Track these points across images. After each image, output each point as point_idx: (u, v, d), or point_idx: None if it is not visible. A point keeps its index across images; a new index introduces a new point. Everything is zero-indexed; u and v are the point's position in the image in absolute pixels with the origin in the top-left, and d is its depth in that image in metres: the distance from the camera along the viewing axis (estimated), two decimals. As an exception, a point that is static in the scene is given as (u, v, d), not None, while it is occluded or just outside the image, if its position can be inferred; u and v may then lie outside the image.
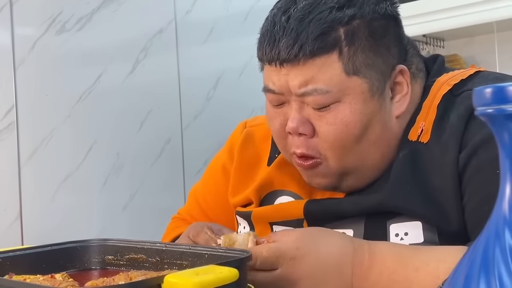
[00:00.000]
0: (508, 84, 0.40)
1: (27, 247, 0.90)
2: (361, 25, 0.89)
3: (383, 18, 0.91)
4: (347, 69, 0.87)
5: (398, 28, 0.95)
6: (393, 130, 0.93)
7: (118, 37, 1.68)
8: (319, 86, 0.87)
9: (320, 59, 0.87)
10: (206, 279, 0.64)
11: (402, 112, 0.93)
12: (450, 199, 0.88)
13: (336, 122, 0.88)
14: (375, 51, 0.90)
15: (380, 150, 0.93)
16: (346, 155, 0.91)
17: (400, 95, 0.93)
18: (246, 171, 1.11)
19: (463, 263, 0.42)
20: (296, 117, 0.90)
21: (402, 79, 0.93)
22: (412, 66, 0.96)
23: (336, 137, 0.89)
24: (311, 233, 0.83)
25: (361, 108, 0.88)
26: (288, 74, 0.89)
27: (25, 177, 1.47)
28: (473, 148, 0.86)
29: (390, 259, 0.81)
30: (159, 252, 0.85)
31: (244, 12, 2.02)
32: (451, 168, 0.88)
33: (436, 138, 0.90)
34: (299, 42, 0.86)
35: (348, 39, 0.87)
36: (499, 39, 2.39)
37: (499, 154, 0.42)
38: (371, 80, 0.89)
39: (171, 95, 1.80)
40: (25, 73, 1.48)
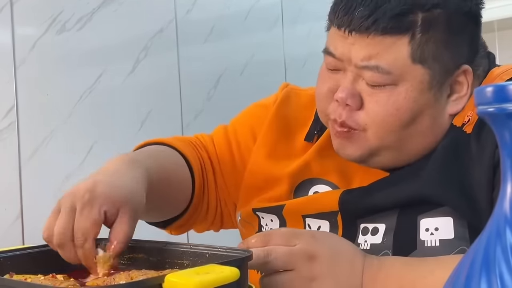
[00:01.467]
0: (509, 83, 0.40)
1: (27, 246, 0.90)
2: (441, 16, 0.87)
3: (464, 16, 0.89)
4: (414, 55, 0.86)
5: (476, 28, 0.93)
6: (443, 125, 0.92)
7: (118, 36, 1.68)
8: (382, 64, 0.86)
9: (390, 38, 0.85)
10: (207, 279, 0.64)
11: (457, 111, 0.92)
12: (484, 194, 0.86)
13: (387, 103, 0.87)
14: (446, 46, 0.88)
15: (424, 141, 0.91)
16: (387, 136, 0.89)
17: (458, 95, 0.92)
18: (280, 129, 1.05)
19: (464, 262, 0.42)
20: (348, 87, 0.88)
21: (464, 79, 0.91)
22: (479, 68, 0.95)
23: (384, 118, 0.87)
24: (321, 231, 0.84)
25: (416, 96, 0.87)
26: (353, 44, 0.87)
27: (26, 177, 1.47)
28: None
29: (398, 266, 0.81)
30: (159, 252, 0.84)
31: (245, 11, 2.02)
32: (488, 162, 0.86)
33: (478, 132, 0.88)
34: (375, 16, 0.84)
35: (424, 26, 0.86)
36: (500, 38, 2.39)
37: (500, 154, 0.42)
38: (433, 73, 0.88)
39: (171, 95, 1.80)
40: (26, 73, 1.48)
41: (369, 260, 0.82)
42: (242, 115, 1.15)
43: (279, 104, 1.08)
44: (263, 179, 1.03)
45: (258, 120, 1.08)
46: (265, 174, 1.03)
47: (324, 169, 1.00)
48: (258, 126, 1.07)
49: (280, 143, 1.05)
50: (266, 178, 1.03)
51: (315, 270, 0.79)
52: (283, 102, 1.08)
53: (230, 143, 1.09)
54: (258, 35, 2.07)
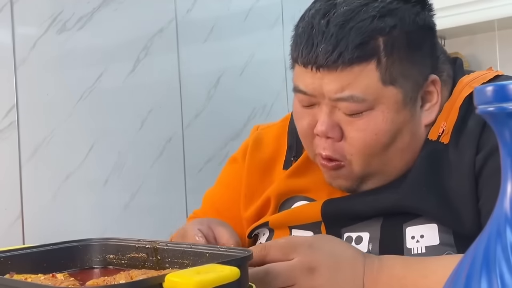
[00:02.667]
0: (509, 83, 0.40)
1: (28, 246, 0.90)
2: (400, 35, 0.88)
3: (421, 29, 0.91)
4: (384, 78, 0.87)
5: (434, 38, 0.96)
6: (421, 137, 0.94)
7: (119, 36, 1.68)
8: (356, 93, 0.87)
9: (358, 67, 0.87)
10: (208, 278, 0.64)
11: (431, 120, 0.94)
12: (466, 202, 0.88)
13: (367, 129, 0.88)
14: (411, 62, 0.90)
15: (406, 157, 0.93)
16: (371, 161, 0.91)
17: (430, 104, 0.94)
18: (259, 174, 1.11)
19: (464, 262, 0.42)
20: (326, 121, 0.90)
21: (434, 88, 0.93)
22: (443, 73, 0.97)
23: (366, 144, 0.89)
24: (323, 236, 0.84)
25: (393, 117, 0.89)
26: (323, 79, 0.88)
27: (26, 176, 1.47)
28: (491, 150, 0.86)
29: (399, 266, 0.81)
30: (160, 251, 0.85)
31: (245, 11, 2.02)
32: (468, 170, 0.87)
33: (455, 140, 0.90)
34: (339, 49, 0.86)
35: (388, 49, 0.87)
36: (500, 37, 2.39)
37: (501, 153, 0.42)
38: (405, 90, 0.89)
39: (172, 94, 1.80)
40: (26, 72, 1.48)
41: (369, 261, 0.82)
42: (220, 176, 1.23)
43: (251, 151, 1.13)
44: (256, 214, 1.09)
45: (235, 177, 1.15)
46: (257, 211, 1.09)
47: (303, 187, 1.04)
48: (237, 181, 1.13)
49: (262, 185, 1.09)
50: (257, 212, 1.09)
51: (316, 282, 0.80)
52: (254, 147, 1.13)
53: (218, 210, 1.16)
54: (258, 35, 2.07)
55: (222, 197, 1.17)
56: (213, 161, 1.86)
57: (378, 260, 0.82)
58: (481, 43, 2.44)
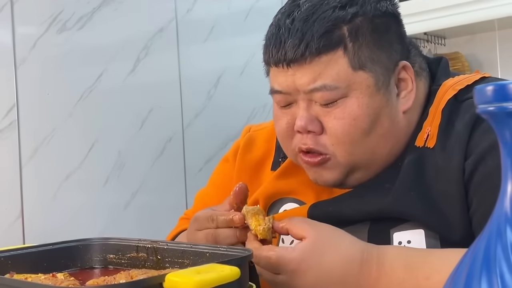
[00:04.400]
0: (509, 82, 0.40)
1: (28, 246, 0.90)
2: (363, 22, 0.91)
3: (384, 16, 0.93)
4: (353, 64, 0.89)
5: (399, 26, 0.97)
6: (400, 124, 0.94)
7: (119, 36, 1.68)
8: (327, 82, 0.89)
9: (326, 56, 0.89)
10: (208, 278, 0.64)
11: (408, 107, 0.95)
12: (454, 207, 0.87)
13: (344, 116, 0.89)
14: (379, 46, 0.92)
15: (389, 144, 0.94)
16: (355, 149, 0.91)
17: (406, 91, 0.95)
18: (248, 176, 1.11)
19: (464, 261, 0.42)
20: (305, 115, 0.91)
21: (406, 75, 0.95)
22: (415, 64, 0.98)
23: (344, 132, 0.90)
24: (319, 242, 0.82)
25: (368, 102, 0.90)
26: (295, 74, 0.90)
27: (27, 176, 1.47)
28: (480, 155, 0.86)
29: (400, 269, 0.80)
30: (160, 251, 0.85)
31: (245, 11, 2.02)
32: (456, 175, 0.87)
33: (441, 144, 0.90)
34: (305, 41, 0.88)
35: (352, 35, 0.90)
36: (501, 37, 2.39)
37: (501, 152, 0.42)
38: (376, 75, 0.91)
39: (172, 94, 1.80)
40: (26, 72, 1.48)
41: (366, 269, 0.81)
42: (212, 176, 1.24)
43: (241, 152, 1.14)
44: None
45: (226, 177, 1.16)
46: None
47: (290, 188, 1.04)
48: (227, 182, 1.13)
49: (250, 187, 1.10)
50: None
51: None
52: (245, 148, 1.14)
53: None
54: (258, 35, 2.06)
55: (214, 198, 1.18)
56: (213, 161, 1.86)
57: (376, 265, 0.81)
58: (481, 43, 2.44)
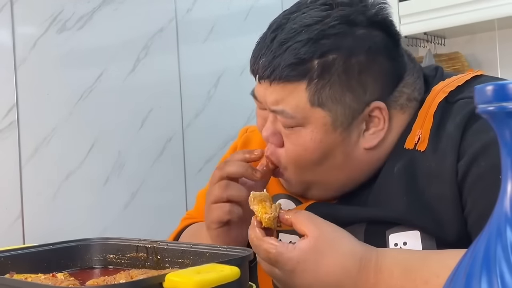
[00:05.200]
0: (509, 82, 0.40)
1: (28, 246, 0.90)
2: (336, 60, 0.88)
3: (367, 54, 0.90)
4: (312, 100, 0.89)
5: (387, 62, 0.92)
6: (359, 159, 0.93)
7: (119, 35, 1.68)
8: (287, 109, 0.90)
9: (290, 84, 0.89)
10: (208, 278, 0.64)
11: (372, 145, 0.93)
12: (448, 208, 0.87)
13: (297, 144, 0.91)
14: (346, 87, 0.89)
15: (343, 174, 0.94)
16: (304, 173, 0.94)
17: (375, 129, 0.92)
18: None
19: (464, 261, 0.42)
20: (270, 128, 0.94)
21: (380, 114, 0.92)
22: (400, 98, 0.94)
23: (296, 157, 0.92)
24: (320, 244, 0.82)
25: (322, 137, 0.90)
26: (266, 89, 0.92)
27: (27, 176, 1.47)
28: (473, 156, 0.86)
29: (398, 275, 0.80)
30: (160, 251, 0.85)
31: (245, 10, 2.02)
32: (449, 177, 0.87)
33: (433, 147, 0.90)
34: (272, 66, 0.89)
35: (319, 71, 0.88)
36: (500, 37, 2.39)
37: (501, 152, 0.42)
38: (335, 114, 0.89)
39: (172, 94, 1.80)
40: (26, 72, 1.48)
41: (363, 275, 0.81)
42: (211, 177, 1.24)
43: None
44: None
45: None
46: None
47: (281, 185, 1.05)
48: None
49: None
50: None
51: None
52: (243, 148, 1.15)
53: None
54: (258, 35, 2.07)
55: None
56: (213, 161, 1.86)
57: (374, 272, 0.81)
58: (481, 43, 2.44)
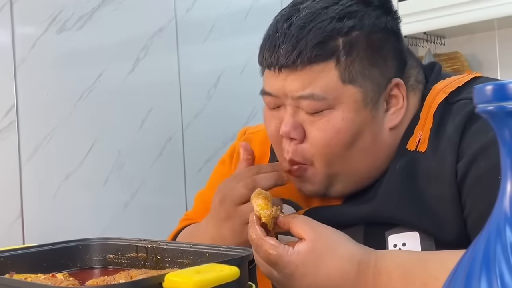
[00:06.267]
0: (509, 82, 0.40)
1: (28, 246, 0.90)
2: (360, 36, 0.90)
3: (382, 32, 0.93)
4: (343, 77, 0.89)
5: (398, 42, 0.96)
6: (384, 140, 0.94)
7: (118, 35, 1.68)
8: (316, 91, 0.89)
9: (318, 66, 0.89)
10: (207, 278, 0.64)
11: (395, 124, 0.94)
12: (447, 209, 0.87)
13: (327, 128, 0.89)
14: (372, 63, 0.91)
15: (369, 159, 0.93)
16: (333, 161, 0.91)
17: (395, 108, 0.94)
18: None
19: (464, 261, 0.42)
20: (290, 121, 0.91)
21: (398, 92, 0.94)
22: (410, 78, 0.97)
23: (325, 143, 0.90)
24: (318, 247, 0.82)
25: (353, 116, 0.89)
26: (285, 79, 0.91)
27: (26, 176, 1.47)
28: (472, 156, 0.86)
29: (397, 279, 0.80)
30: (160, 251, 0.85)
31: (245, 10, 2.02)
32: (449, 177, 0.87)
33: (433, 147, 0.90)
34: (298, 49, 0.88)
35: (346, 49, 0.89)
36: (500, 36, 2.39)
37: (500, 152, 0.42)
38: (365, 90, 0.90)
39: (171, 94, 1.80)
40: (26, 72, 1.48)
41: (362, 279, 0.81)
42: (211, 178, 1.24)
43: (238, 155, 1.13)
44: None
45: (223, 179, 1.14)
46: None
47: (284, 190, 1.03)
48: None
49: None
50: None
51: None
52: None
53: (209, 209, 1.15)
54: (258, 35, 2.06)
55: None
56: (213, 161, 1.86)
57: (373, 276, 0.81)
58: (481, 42, 2.44)
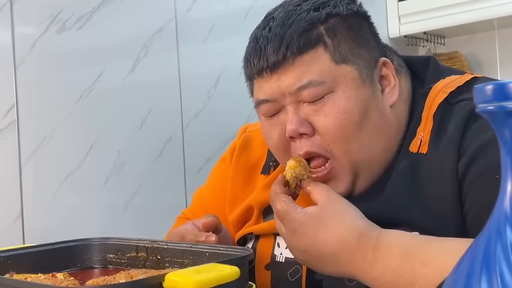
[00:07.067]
0: (509, 81, 0.40)
1: (28, 246, 0.90)
2: (338, 20, 0.93)
3: (356, 16, 0.96)
4: (335, 58, 0.91)
5: (371, 27, 1.00)
6: (389, 119, 0.95)
7: (118, 35, 1.68)
8: (313, 78, 0.90)
9: (307, 54, 0.90)
10: (207, 277, 0.64)
11: (394, 101, 0.96)
12: (449, 208, 0.88)
13: (334, 111, 0.90)
14: (357, 42, 0.94)
15: (382, 139, 0.94)
16: (351, 146, 0.91)
17: (389, 87, 0.96)
18: (243, 178, 1.12)
19: (464, 261, 0.42)
20: (294, 118, 0.91)
21: (387, 71, 0.96)
22: (393, 61, 0.99)
23: (337, 127, 0.90)
24: (325, 212, 0.85)
25: (356, 94, 0.91)
26: (279, 79, 0.91)
27: (26, 176, 1.47)
28: (472, 155, 0.86)
29: (396, 255, 0.80)
30: (160, 251, 0.85)
31: (245, 10, 2.02)
32: (450, 176, 0.88)
33: (434, 148, 0.91)
34: (285, 43, 0.90)
35: (330, 32, 0.92)
36: (500, 36, 2.39)
37: (500, 151, 0.42)
38: (359, 67, 0.92)
39: (171, 93, 1.80)
40: (26, 72, 1.48)
41: (360, 251, 0.82)
42: (210, 175, 1.25)
43: (238, 153, 1.15)
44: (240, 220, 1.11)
45: (222, 177, 1.17)
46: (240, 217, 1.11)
47: None
48: (224, 182, 1.16)
49: (244, 192, 1.10)
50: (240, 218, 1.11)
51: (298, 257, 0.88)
52: (242, 149, 1.15)
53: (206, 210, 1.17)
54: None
55: (211, 198, 1.19)
56: (213, 161, 1.85)
57: (373, 249, 0.81)
58: (481, 42, 2.44)
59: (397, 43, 2.46)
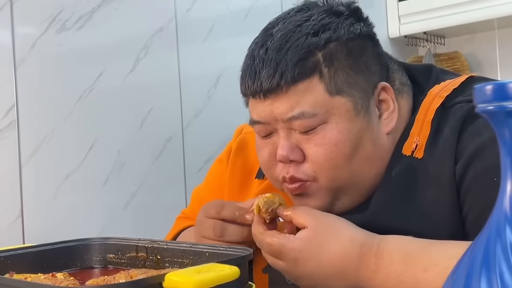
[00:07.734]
0: (509, 81, 0.40)
1: (28, 245, 0.90)
2: (338, 46, 0.90)
3: (359, 38, 0.93)
4: (329, 89, 0.88)
5: (376, 47, 0.96)
6: (385, 146, 0.94)
7: (118, 35, 1.68)
8: (305, 109, 0.88)
9: (302, 84, 0.88)
10: (207, 277, 0.64)
11: (392, 128, 0.94)
12: (446, 212, 0.88)
13: (325, 142, 0.89)
14: (355, 70, 0.91)
15: (374, 167, 0.93)
16: (338, 175, 0.90)
17: (388, 112, 0.94)
18: (239, 181, 1.12)
19: (464, 261, 0.42)
20: (285, 144, 0.90)
21: (387, 96, 0.94)
22: (395, 82, 0.97)
23: (326, 157, 0.89)
24: (319, 232, 0.84)
25: (348, 126, 0.89)
26: (272, 104, 0.90)
27: (26, 176, 1.47)
28: (469, 158, 0.86)
29: (398, 261, 0.81)
30: (160, 251, 0.85)
31: (245, 10, 2.02)
32: (448, 180, 0.87)
33: (430, 153, 0.90)
34: (279, 71, 0.88)
35: (327, 61, 0.89)
36: (500, 36, 2.39)
37: (500, 151, 0.42)
38: (354, 98, 0.90)
39: (171, 93, 1.80)
40: (26, 72, 1.48)
41: (365, 262, 0.82)
42: (207, 176, 1.24)
43: (233, 156, 1.15)
44: None
45: (219, 178, 1.16)
46: None
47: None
48: (221, 183, 1.15)
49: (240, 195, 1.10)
50: None
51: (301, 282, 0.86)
52: (237, 152, 1.15)
53: None
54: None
55: (209, 197, 1.18)
56: (213, 161, 1.86)
57: (375, 258, 0.82)
58: (481, 42, 2.44)
59: (397, 43, 2.46)
